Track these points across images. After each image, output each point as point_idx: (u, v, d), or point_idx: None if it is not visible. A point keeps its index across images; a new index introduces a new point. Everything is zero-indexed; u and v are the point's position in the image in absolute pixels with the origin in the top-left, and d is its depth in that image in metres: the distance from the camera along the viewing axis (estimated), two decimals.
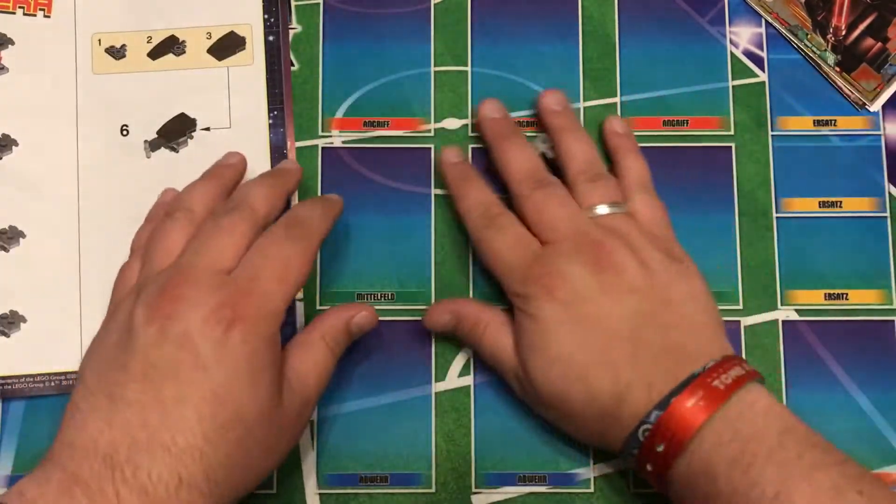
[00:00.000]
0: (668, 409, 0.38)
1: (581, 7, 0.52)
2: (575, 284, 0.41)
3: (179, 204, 0.44)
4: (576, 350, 0.41)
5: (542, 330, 0.41)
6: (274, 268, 0.39)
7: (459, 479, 0.47)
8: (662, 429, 0.38)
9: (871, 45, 0.52)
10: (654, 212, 0.46)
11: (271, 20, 0.52)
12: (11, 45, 0.51)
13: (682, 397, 0.38)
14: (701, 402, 0.38)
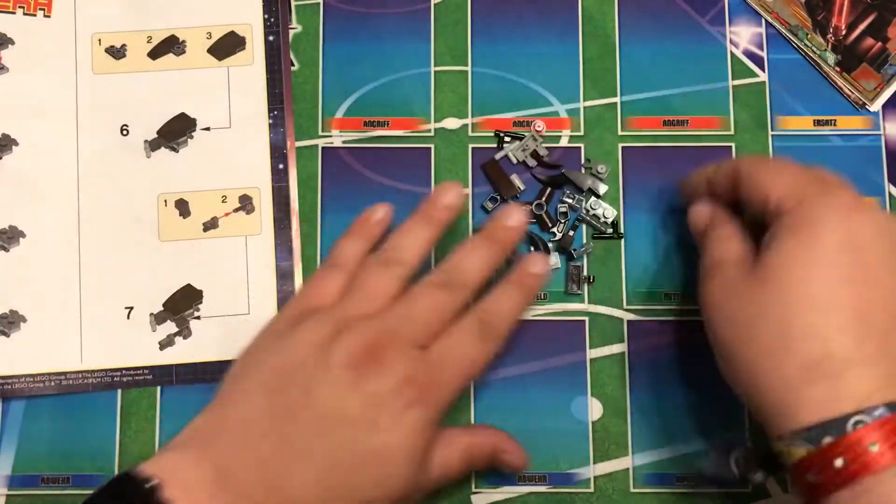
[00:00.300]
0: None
1: (581, 7, 0.52)
2: (875, 223, 0.37)
3: (396, 254, 0.43)
4: (843, 283, 0.36)
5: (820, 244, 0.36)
6: (462, 366, 0.40)
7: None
8: (888, 430, 0.33)
9: (871, 44, 0.52)
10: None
11: (271, 20, 0.52)
12: (11, 45, 0.51)
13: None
14: None
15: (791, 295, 0.36)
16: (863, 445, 0.33)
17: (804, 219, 0.37)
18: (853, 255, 0.36)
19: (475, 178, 0.50)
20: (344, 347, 0.39)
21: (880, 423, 0.33)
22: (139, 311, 0.48)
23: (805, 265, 0.36)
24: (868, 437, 0.33)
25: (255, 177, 0.50)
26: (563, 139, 0.51)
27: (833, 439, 0.34)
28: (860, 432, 0.33)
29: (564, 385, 0.48)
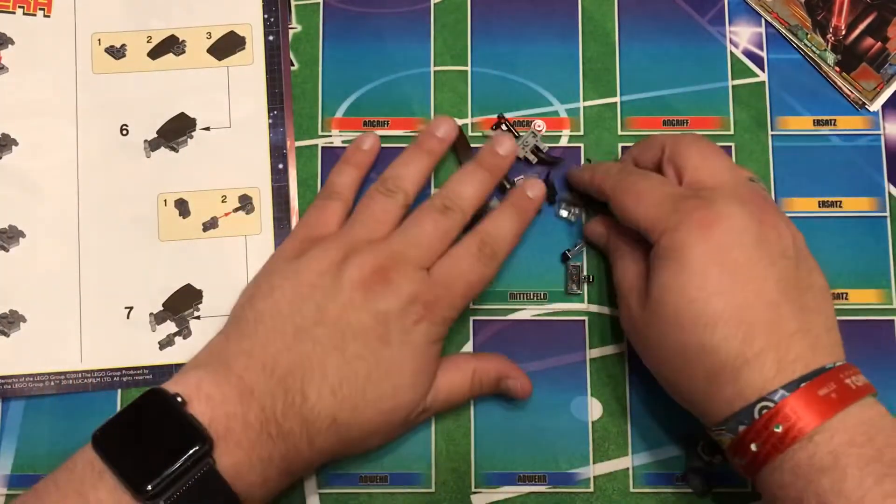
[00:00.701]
0: (799, 391, 0.37)
1: (581, 7, 0.52)
2: (734, 228, 0.39)
3: (397, 183, 0.46)
4: (716, 296, 0.39)
5: (687, 268, 0.39)
6: (462, 285, 0.43)
7: (459, 478, 0.47)
8: (787, 411, 0.37)
9: (871, 44, 0.52)
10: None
11: (271, 20, 0.52)
12: (11, 44, 0.51)
13: (815, 384, 0.37)
14: (833, 395, 0.37)
15: (679, 319, 0.39)
16: (769, 428, 0.37)
17: (670, 248, 0.40)
18: (720, 268, 0.39)
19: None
20: (354, 268, 0.41)
21: (781, 405, 0.37)
22: (139, 311, 0.48)
23: (682, 290, 0.39)
24: (773, 419, 0.37)
25: (255, 177, 0.50)
26: (563, 139, 0.51)
27: (746, 426, 0.38)
28: (766, 416, 0.37)
29: (564, 385, 0.48)
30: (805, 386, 0.37)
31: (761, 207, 0.41)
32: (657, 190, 0.42)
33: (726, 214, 0.40)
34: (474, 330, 0.48)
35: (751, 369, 0.38)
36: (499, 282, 0.49)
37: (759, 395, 0.37)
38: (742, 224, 0.40)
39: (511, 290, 0.49)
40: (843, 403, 0.37)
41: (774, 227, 0.40)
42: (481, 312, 0.49)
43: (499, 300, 0.49)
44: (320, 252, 0.43)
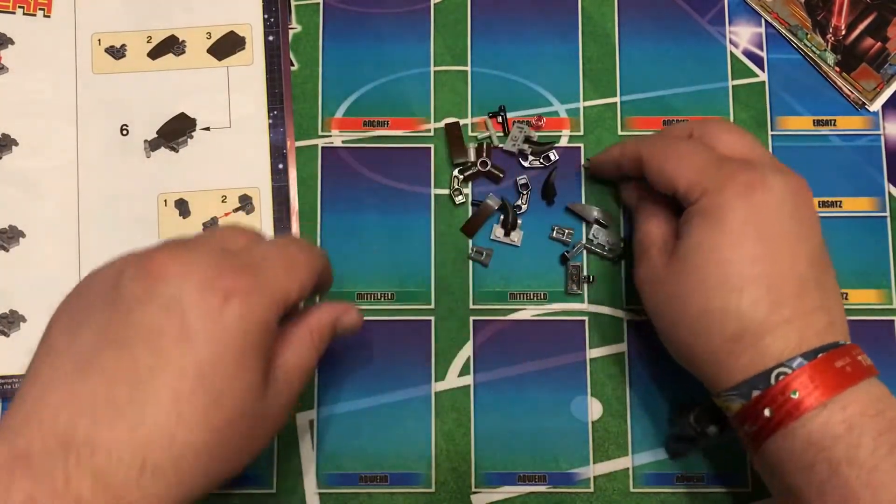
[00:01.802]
0: (817, 360, 0.37)
1: (581, 7, 0.52)
2: (775, 196, 0.39)
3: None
4: (749, 260, 0.39)
5: (725, 228, 0.39)
6: (282, 259, 0.37)
7: (459, 478, 0.47)
8: (804, 378, 0.37)
9: (871, 44, 0.52)
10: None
11: (271, 20, 0.52)
12: (11, 44, 0.51)
13: (832, 356, 0.37)
14: (848, 368, 0.37)
15: (706, 279, 0.39)
16: (786, 394, 0.37)
17: (709, 208, 0.40)
18: (757, 233, 0.39)
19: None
20: (132, 262, 0.34)
21: (799, 372, 0.37)
22: None
23: (715, 250, 0.39)
24: (790, 385, 0.37)
25: (255, 177, 0.50)
26: (563, 139, 0.51)
27: (760, 392, 0.38)
28: (782, 382, 0.37)
29: (564, 385, 0.48)
30: (823, 356, 0.37)
31: (799, 182, 0.41)
32: (700, 153, 0.42)
33: (770, 182, 0.40)
34: (474, 330, 0.48)
35: (774, 337, 0.38)
36: (499, 282, 0.49)
37: (776, 362, 0.38)
38: (782, 195, 0.40)
39: (511, 290, 0.49)
40: (857, 377, 0.37)
41: (808, 204, 0.41)
42: (481, 312, 0.49)
43: (499, 300, 0.49)
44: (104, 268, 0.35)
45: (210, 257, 0.34)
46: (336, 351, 0.46)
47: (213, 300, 0.33)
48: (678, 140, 0.44)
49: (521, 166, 0.50)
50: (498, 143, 0.50)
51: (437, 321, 0.49)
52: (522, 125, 0.50)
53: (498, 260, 0.49)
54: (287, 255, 0.37)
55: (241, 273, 0.34)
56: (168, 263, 0.33)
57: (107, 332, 0.32)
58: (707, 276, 0.39)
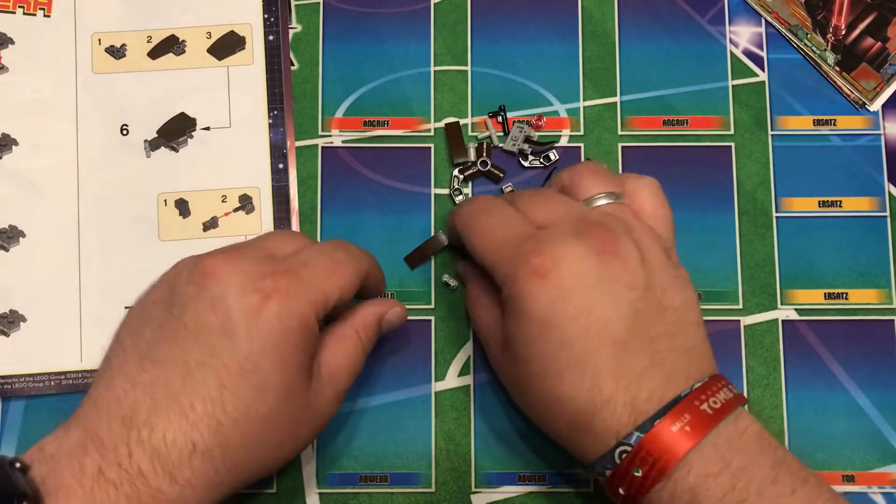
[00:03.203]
0: (651, 432, 0.36)
1: (581, 7, 0.52)
2: (571, 269, 0.37)
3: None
4: (559, 347, 0.37)
5: (528, 320, 0.38)
6: (325, 262, 0.39)
7: (459, 478, 0.47)
8: (643, 453, 0.36)
9: (871, 44, 0.52)
10: (658, 210, 0.42)
11: (271, 20, 0.52)
12: (11, 44, 0.51)
13: (667, 421, 0.36)
14: (687, 428, 0.36)
15: (530, 370, 0.39)
16: (630, 472, 0.36)
17: (509, 300, 0.39)
18: (561, 316, 0.37)
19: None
20: (187, 266, 0.38)
21: (638, 447, 0.36)
22: None
23: (528, 343, 0.38)
24: (632, 463, 0.36)
25: (255, 176, 0.50)
26: (563, 139, 0.51)
27: (610, 471, 0.37)
28: (626, 461, 0.36)
29: None
30: (657, 425, 0.36)
31: (599, 232, 0.38)
32: (500, 229, 0.40)
33: (562, 256, 0.37)
34: (474, 330, 0.48)
35: (603, 417, 0.37)
36: None
37: (614, 439, 0.37)
38: (580, 266, 0.37)
39: None
40: (696, 436, 0.36)
41: (616, 252, 0.38)
42: None
43: None
44: (166, 273, 0.39)
45: (255, 260, 0.37)
46: None
47: (254, 299, 0.36)
48: (487, 211, 0.42)
49: (521, 166, 0.50)
50: (498, 143, 0.50)
51: (437, 321, 0.49)
52: (522, 125, 0.50)
53: None
54: (330, 258, 0.40)
55: (282, 275, 0.37)
56: (217, 266, 0.37)
57: (164, 328, 0.37)
58: (530, 365, 0.38)
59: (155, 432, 0.34)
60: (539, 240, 0.38)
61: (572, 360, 0.37)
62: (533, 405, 0.40)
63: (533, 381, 0.39)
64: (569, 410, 0.38)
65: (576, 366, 0.37)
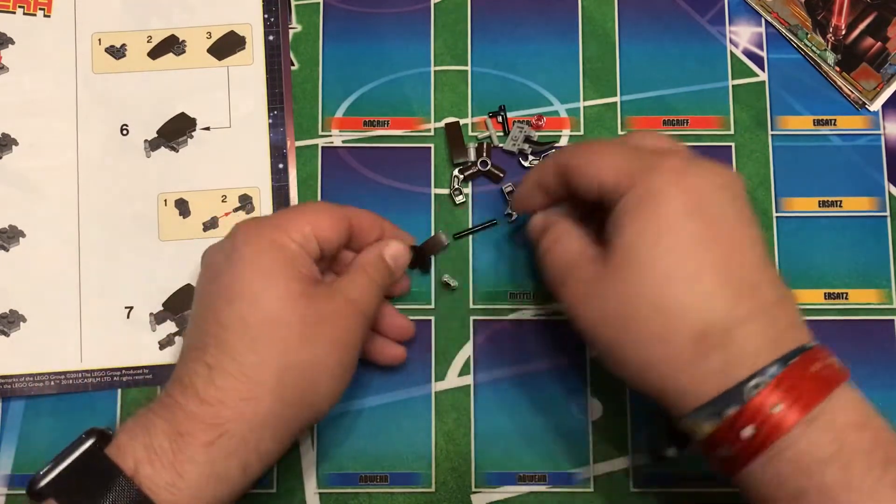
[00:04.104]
0: (792, 367, 0.33)
1: (581, 7, 0.52)
2: (711, 181, 0.36)
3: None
4: (698, 246, 0.34)
5: (663, 216, 0.35)
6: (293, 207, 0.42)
7: (459, 478, 0.47)
8: (784, 388, 0.32)
9: (871, 44, 0.52)
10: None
11: (271, 20, 0.52)
12: (11, 44, 0.51)
13: (806, 360, 0.33)
14: (825, 372, 0.33)
15: (651, 276, 0.35)
16: (765, 409, 0.33)
17: (641, 196, 0.36)
18: (698, 217, 0.35)
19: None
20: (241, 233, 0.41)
21: (777, 382, 0.33)
22: (139, 310, 0.48)
23: (655, 242, 0.35)
24: (769, 398, 0.33)
25: (255, 176, 0.50)
26: (563, 139, 0.51)
27: (736, 409, 0.33)
28: (760, 396, 0.33)
29: (564, 385, 0.48)
30: (798, 361, 0.33)
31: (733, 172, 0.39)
32: (622, 147, 0.38)
33: (701, 166, 0.36)
34: (474, 330, 0.48)
35: (742, 335, 0.33)
36: (499, 282, 0.49)
37: (751, 370, 0.33)
38: (718, 177, 0.36)
39: (511, 291, 0.49)
40: (835, 381, 0.33)
41: (746, 198, 0.37)
42: (481, 312, 0.49)
43: (499, 300, 0.49)
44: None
45: (255, 220, 0.41)
46: None
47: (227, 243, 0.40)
48: (598, 142, 0.42)
49: (521, 166, 0.50)
50: (498, 143, 0.50)
51: (437, 321, 0.49)
52: (522, 125, 0.50)
53: (498, 260, 0.49)
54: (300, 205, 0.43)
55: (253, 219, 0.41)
56: (233, 232, 0.41)
57: (200, 297, 0.40)
58: (652, 271, 0.34)
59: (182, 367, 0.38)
60: (673, 152, 0.37)
61: (712, 262, 0.34)
62: (641, 324, 0.35)
63: (652, 290, 0.34)
64: (698, 319, 0.34)
65: (716, 269, 0.34)
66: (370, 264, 0.43)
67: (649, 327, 0.35)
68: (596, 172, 0.38)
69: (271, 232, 0.39)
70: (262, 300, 0.38)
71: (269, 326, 0.37)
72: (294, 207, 0.42)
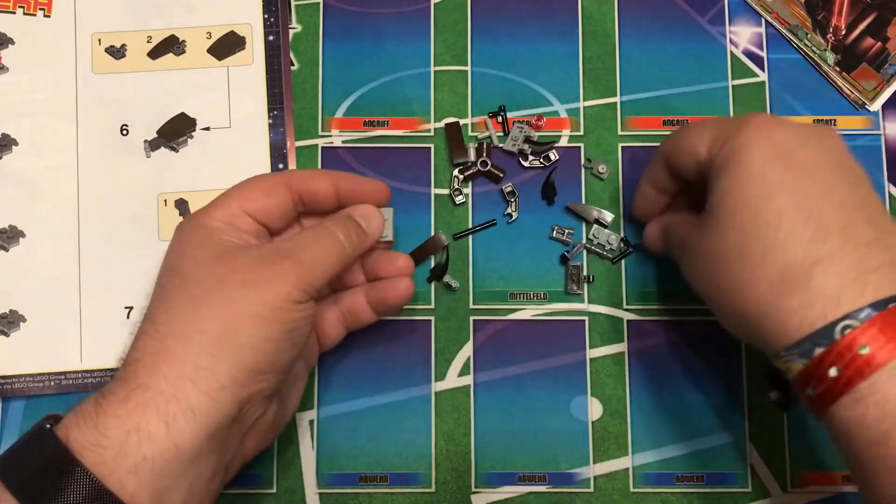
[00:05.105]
0: (888, 311, 0.33)
1: (581, 7, 0.52)
2: (798, 133, 0.37)
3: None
4: (778, 192, 0.36)
5: (747, 167, 0.37)
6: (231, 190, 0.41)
7: (459, 478, 0.47)
8: (876, 330, 0.33)
9: (871, 44, 0.52)
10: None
11: (271, 20, 0.52)
12: (11, 44, 0.51)
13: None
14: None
15: (737, 221, 0.37)
16: (853, 350, 0.33)
17: (730, 152, 0.38)
18: (783, 163, 0.37)
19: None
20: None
21: (868, 325, 0.33)
22: (139, 311, 0.48)
23: (742, 189, 0.37)
24: (857, 340, 0.33)
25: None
26: (563, 139, 0.51)
27: (824, 349, 0.34)
28: (849, 337, 0.33)
29: (564, 385, 0.48)
30: (894, 306, 0.33)
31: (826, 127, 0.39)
32: (715, 119, 0.41)
33: (789, 122, 0.38)
34: (474, 330, 0.48)
35: (824, 271, 0.34)
36: (499, 282, 0.49)
37: (843, 312, 0.34)
38: (808, 131, 0.38)
39: (511, 290, 0.49)
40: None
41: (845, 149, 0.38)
42: (481, 312, 0.49)
43: (499, 300, 0.49)
44: None
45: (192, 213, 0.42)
46: (337, 350, 0.46)
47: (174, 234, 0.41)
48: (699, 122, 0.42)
49: (521, 166, 0.50)
50: (498, 143, 0.50)
51: (437, 321, 0.49)
52: (522, 125, 0.50)
53: (498, 260, 0.49)
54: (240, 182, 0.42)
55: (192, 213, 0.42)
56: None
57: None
58: (738, 217, 0.37)
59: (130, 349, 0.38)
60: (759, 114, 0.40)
61: (792, 205, 0.36)
62: (732, 267, 0.37)
63: (740, 234, 0.36)
64: (781, 262, 0.35)
65: (796, 212, 0.35)
66: (337, 221, 0.42)
67: (735, 273, 0.37)
68: (690, 148, 0.40)
69: (196, 217, 0.41)
70: (178, 269, 0.39)
71: (181, 286, 0.38)
72: (229, 189, 0.42)
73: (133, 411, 0.35)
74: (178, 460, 0.35)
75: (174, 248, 0.40)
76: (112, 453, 0.34)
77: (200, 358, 0.36)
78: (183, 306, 0.37)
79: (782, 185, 0.36)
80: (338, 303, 0.45)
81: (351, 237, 0.41)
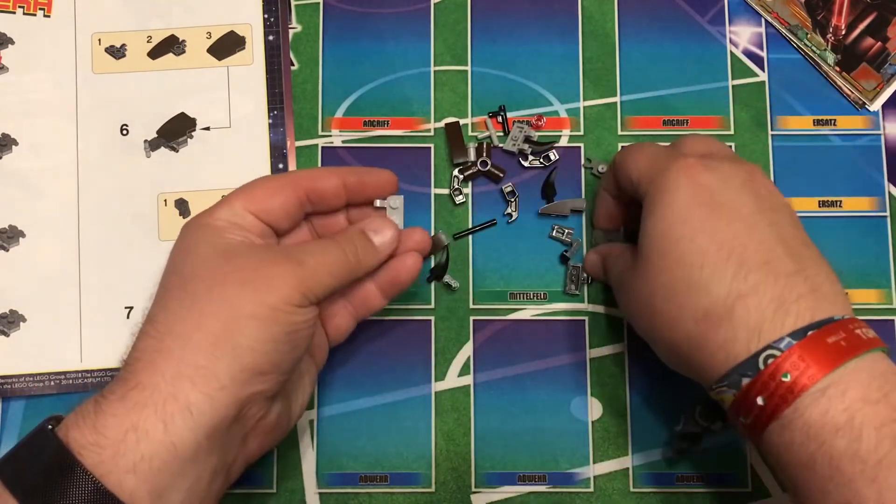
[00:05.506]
0: (807, 339, 0.34)
1: (581, 7, 0.52)
2: (722, 174, 0.39)
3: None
4: (701, 234, 0.37)
5: (671, 209, 0.39)
6: (236, 191, 0.41)
7: (459, 478, 0.47)
8: (795, 358, 0.34)
9: (871, 44, 0.52)
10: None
11: (271, 20, 0.52)
12: (11, 44, 0.51)
13: (824, 332, 0.35)
14: (843, 343, 0.34)
15: (666, 262, 0.38)
16: (776, 378, 0.35)
17: (656, 193, 0.40)
18: (706, 207, 0.38)
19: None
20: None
21: (789, 353, 0.35)
22: (139, 310, 0.48)
23: (667, 231, 0.38)
24: (780, 368, 0.35)
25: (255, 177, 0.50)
26: (563, 139, 0.51)
27: (750, 379, 0.35)
28: (772, 366, 0.35)
29: (564, 385, 0.48)
30: (813, 334, 0.35)
31: (751, 167, 0.40)
32: (657, 149, 0.43)
33: (715, 164, 0.39)
34: (474, 330, 0.48)
35: (746, 305, 0.36)
36: (499, 282, 0.49)
37: (761, 343, 0.35)
38: (730, 172, 0.39)
39: (511, 290, 0.49)
40: (853, 351, 0.34)
41: (765, 184, 0.40)
42: (481, 312, 0.49)
43: (499, 300, 0.49)
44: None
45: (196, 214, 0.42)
46: (337, 351, 0.46)
47: (178, 235, 0.41)
48: (642, 144, 0.44)
49: (521, 166, 0.50)
50: (498, 143, 0.50)
51: (437, 321, 0.49)
52: (522, 125, 0.50)
53: (498, 260, 0.49)
54: (246, 183, 0.42)
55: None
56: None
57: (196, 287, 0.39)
58: (664, 259, 0.38)
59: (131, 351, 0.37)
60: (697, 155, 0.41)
61: (714, 246, 0.37)
62: (660, 307, 0.39)
63: (666, 273, 0.38)
64: (705, 300, 0.37)
65: (718, 252, 0.37)
66: (345, 236, 0.42)
67: (665, 312, 0.39)
68: (627, 172, 0.43)
69: (200, 217, 0.41)
70: (180, 268, 0.39)
71: (182, 285, 0.38)
72: (233, 190, 0.42)
73: (131, 410, 0.34)
74: (177, 459, 0.34)
75: (177, 248, 0.40)
76: (110, 452, 0.34)
77: (199, 357, 0.35)
78: (183, 305, 0.37)
79: (703, 226, 0.38)
80: (345, 294, 0.44)
81: (356, 251, 0.41)
